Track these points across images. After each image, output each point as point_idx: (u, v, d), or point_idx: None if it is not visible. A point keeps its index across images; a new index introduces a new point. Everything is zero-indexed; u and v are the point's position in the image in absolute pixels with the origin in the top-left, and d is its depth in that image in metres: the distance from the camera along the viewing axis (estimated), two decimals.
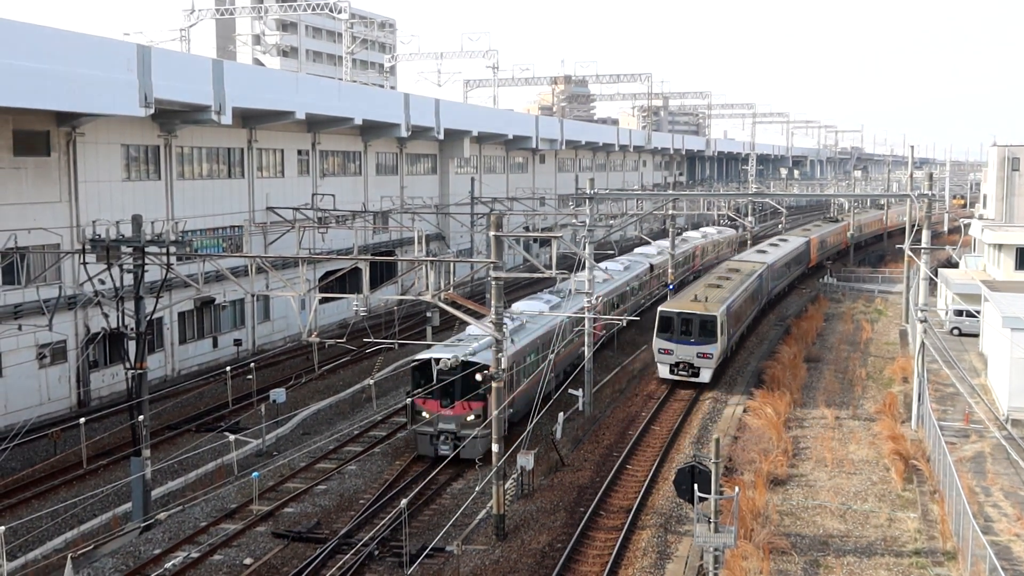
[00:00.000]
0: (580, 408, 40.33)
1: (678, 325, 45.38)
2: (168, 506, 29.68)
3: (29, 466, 33.66)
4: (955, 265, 65.77)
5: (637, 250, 68.73)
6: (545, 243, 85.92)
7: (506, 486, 29.49)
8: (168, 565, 25.64)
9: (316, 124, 57.67)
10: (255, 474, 31.18)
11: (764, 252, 69.31)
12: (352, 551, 23.80)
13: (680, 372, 45.12)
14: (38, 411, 38.99)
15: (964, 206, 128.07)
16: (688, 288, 54.48)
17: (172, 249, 29.66)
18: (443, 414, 33.60)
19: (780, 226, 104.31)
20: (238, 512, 29.84)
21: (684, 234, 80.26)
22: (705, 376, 44.95)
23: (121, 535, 27.44)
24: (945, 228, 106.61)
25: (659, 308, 46.51)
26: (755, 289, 57.08)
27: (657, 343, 45.74)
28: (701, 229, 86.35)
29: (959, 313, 52.69)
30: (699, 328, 45.08)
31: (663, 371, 45.67)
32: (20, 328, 37.09)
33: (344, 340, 36.11)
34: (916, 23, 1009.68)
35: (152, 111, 41.66)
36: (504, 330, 29.54)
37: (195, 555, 26.49)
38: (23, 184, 38.89)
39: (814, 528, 27.92)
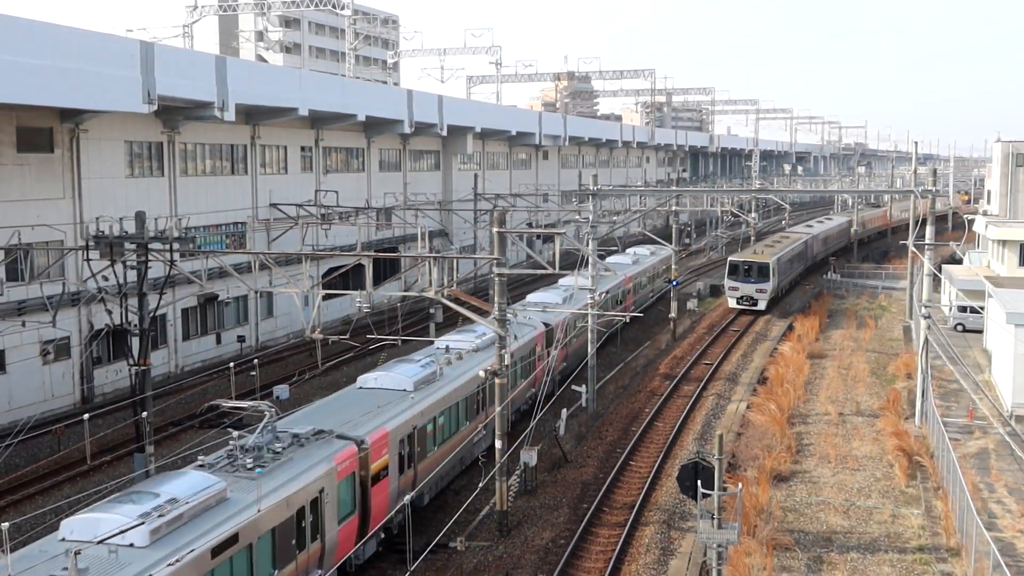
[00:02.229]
0: (583, 404, 40.32)
1: (742, 269, 63.55)
2: None
3: (33, 462, 33.70)
4: (959, 261, 65.63)
5: (532, 297, 45.53)
6: (548, 239, 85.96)
7: (509, 482, 29.49)
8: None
9: (319, 120, 57.67)
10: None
11: (811, 227, 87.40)
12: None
13: (743, 302, 63.37)
14: (42, 407, 39.04)
15: (968, 202, 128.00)
16: (750, 246, 73.32)
17: (175, 246, 29.66)
18: None
19: (783, 222, 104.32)
20: None
21: (609, 259, 60.52)
22: (761, 305, 63.16)
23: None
24: (949, 225, 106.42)
25: (729, 258, 65.34)
26: (801, 251, 75.66)
27: (728, 283, 64.25)
28: (632, 250, 67.37)
29: (963, 309, 52.60)
30: (757, 271, 63.23)
31: (731, 303, 63.97)
32: (24, 324, 37.13)
33: (347, 337, 36.10)
34: (919, 19, 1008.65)
35: (155, 108, 41.70)
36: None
37: None
38: (27, 180, 38.92)
39: (817, 524, 27.91)
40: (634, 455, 34.84)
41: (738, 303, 63.50)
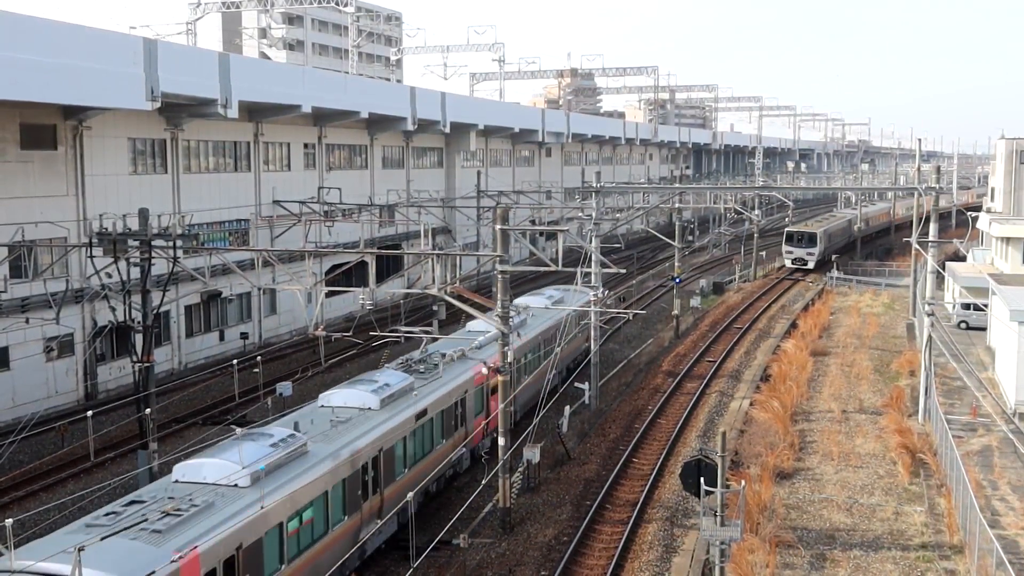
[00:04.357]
0: (586, 402, 40.32)
1: (796, 237, 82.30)
2: None
3: (37, 459, 33.76)
4: (963, 258, 65.56)
5: (328, 399, 27.05)
6: (551, 236, 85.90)
7: (512, 479, 29.51)
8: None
9: (322, 118, 57.68)
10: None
11: (854, 209, 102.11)
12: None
13: (796, 263, 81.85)
14: (45, 404, 39.10)
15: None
16: (802, 220, 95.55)
17: (179, 243, 29.69)
18: None
19: (787, 219, 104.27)
20: None
21: (473, 324, 37.06)
22: (810, 265, 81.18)
23: None
24: (952, 222, 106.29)
25: (786, 230, 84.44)
26: (844, 227, 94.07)
27: (784, 248, 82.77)
28: (523, 300, 43.17)
29: (966, 307, 52.54)
30: (807, 239, 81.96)
31: (787, 263, 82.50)
32: (27, 321, 37.18)
33: (350, 333, 36.11)
34: (923, 15, 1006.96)
35: (158, 105, 41.74)
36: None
37: None
38: (30, 178, 38.96)
39: (820, 522, 27.90)
40: (637, 452, 34.84)
41: (792, 263, 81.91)
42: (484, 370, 32.10)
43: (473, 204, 69.38)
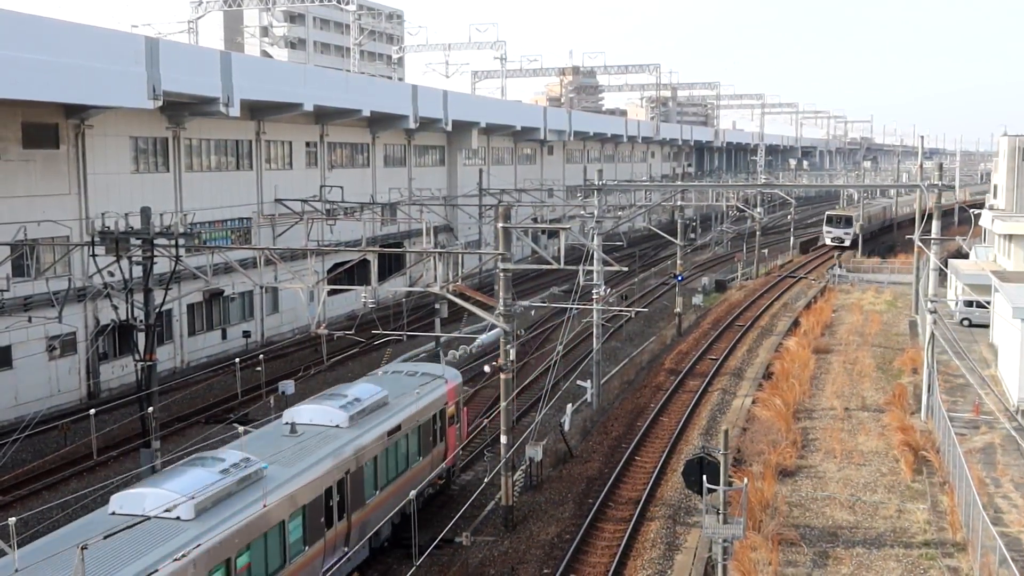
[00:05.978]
0: (588, 400, 40.32)
1: (835, 219, 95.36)
2: None
3: (39, 457, 33.79)
4: (965, 256, 65.51)
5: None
6: (553, 234, 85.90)
7: (514, 477, 29.51)
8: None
9: (324, 116, 57.69)
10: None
11: (891, 198, 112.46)
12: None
13: (835, 241, 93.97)
14: (48, 403, 39.12)
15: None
16: (840, 207, 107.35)
17: (181, 241, 29.69)
18: None
19: (789, 217, 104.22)
20: None
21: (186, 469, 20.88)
22: (847, 242, 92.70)
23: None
24: (955, 219, 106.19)
25: (826, 213, 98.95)
26: (878, 212, 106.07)
27: (825, 229, 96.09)
28: (314, 403, 25.62)
29: (969, 304, 52.47)
30: (845, 221, 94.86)
31: (827, 240, 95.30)
32: (30, 320, 37.21)
33: (352, 332, 36.11)
34: (924, 14, 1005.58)
35: (160, 103, 41.76)
36: None
37: None
38: (32, 177, 38.98)
39: (823, 519, 27.89)
40: (639, 450, 34.84)
41: (831, 242, 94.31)
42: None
43: (475, 202, 69.41)
